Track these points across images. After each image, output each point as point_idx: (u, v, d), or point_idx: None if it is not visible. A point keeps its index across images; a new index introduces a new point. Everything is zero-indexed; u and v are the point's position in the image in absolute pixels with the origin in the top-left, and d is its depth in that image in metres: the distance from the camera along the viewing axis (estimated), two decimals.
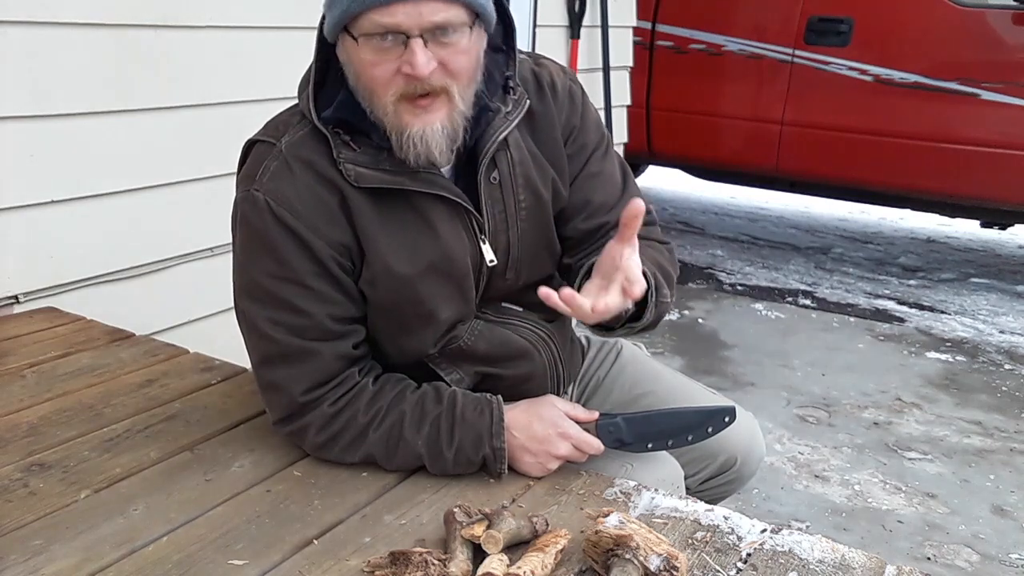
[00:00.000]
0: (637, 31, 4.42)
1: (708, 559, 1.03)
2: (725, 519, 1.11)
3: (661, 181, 6.59)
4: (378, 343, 1.28)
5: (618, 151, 1.42)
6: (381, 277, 1.20)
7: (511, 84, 1.24)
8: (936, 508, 2.46)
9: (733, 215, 5.96)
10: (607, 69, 4.02)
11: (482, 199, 1.23)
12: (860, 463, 2.69)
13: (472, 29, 1.12)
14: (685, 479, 1.41)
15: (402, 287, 1.21)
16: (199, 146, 2.28)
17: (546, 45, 3.67)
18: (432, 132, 1.13)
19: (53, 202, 2.01)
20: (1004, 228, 5.03)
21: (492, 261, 1.26)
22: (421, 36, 1.07)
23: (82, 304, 2.01)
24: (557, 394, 1.36)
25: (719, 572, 1.01)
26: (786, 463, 2.68)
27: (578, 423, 1.22)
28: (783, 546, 1.06)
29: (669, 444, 1.26)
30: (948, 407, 3.11)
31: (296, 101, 1.23)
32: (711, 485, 1.51)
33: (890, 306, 4.22)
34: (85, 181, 2.06)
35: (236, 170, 1.26)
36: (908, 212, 5.70)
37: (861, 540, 2.27)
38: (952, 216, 5.05)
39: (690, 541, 1.07)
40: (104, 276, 2.13)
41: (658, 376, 1.55)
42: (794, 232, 5.57)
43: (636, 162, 5.64)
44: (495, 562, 0.96)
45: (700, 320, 3.93)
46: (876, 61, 4.29)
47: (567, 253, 1.35)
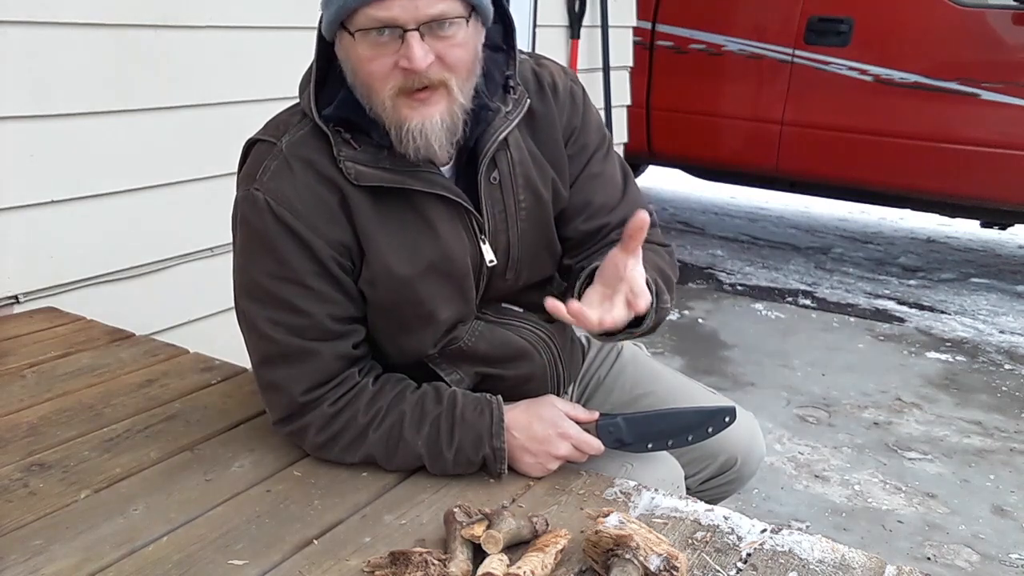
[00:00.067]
0: (637, 31, 4.41)
1: (708, 559, 1.03)
2: (725, 519, 1.11)
3: (661, 181, 6.59)
4: (378, 343, 1.28)
5: (618, 152, 1.42)
6: (381, 277, 1.20)
7: (511, 84, 1.24)
8: (936, 508, 2.46)
9: (733, 215, 5.96)
10: (607, 69, 4.02)
11: (482, 199, 1.23)
12: (860, 463, 2.69)
13: (469, 22, 1.12)
14: (685, 479, 1.41)
15: (402, 287, 1.21)
16: (199, 146, 2.28)
17: (546, 45, 3.67)
18: (431, 125, 1.13)
19: (53, 202, 2.01)
20: (1004, 228, 5.03)
21: (492, 261, 1.26)
22: (418, 29, 1.08)
23: (82, 304, 2.00)
24: (557, 394, 1.36)
25: (719, 572, 1.01)
26: (786, 463, 2.68)
27: (578, 423, 1.22)
28: (783, 546, 1.06)
29: (669, 444, 1.26)
30: (948, 407, 3.11)
31: (297, 100, 1.23)
32: (711, 485, 1.51)
33: (890, 306, 4.22)
34: (85, 181, 2.06)
35: (236, 170, 1.26)
36: (908, 212, 5.70)
37: (861, 540, 2.27)
38: (952, 216, 5.05)
39: (690, 541, 1.07)
40: (104, 276, 2.13)
41: (658, 376, 1.55)
42: (794, 232, 5.57)
43: (636, 162, 5.64)
44: (495, 562, 0.96)
45: (700, 320, 3.93)
46: (876, 61, 4.29)
47: (567, 254, 1.35)
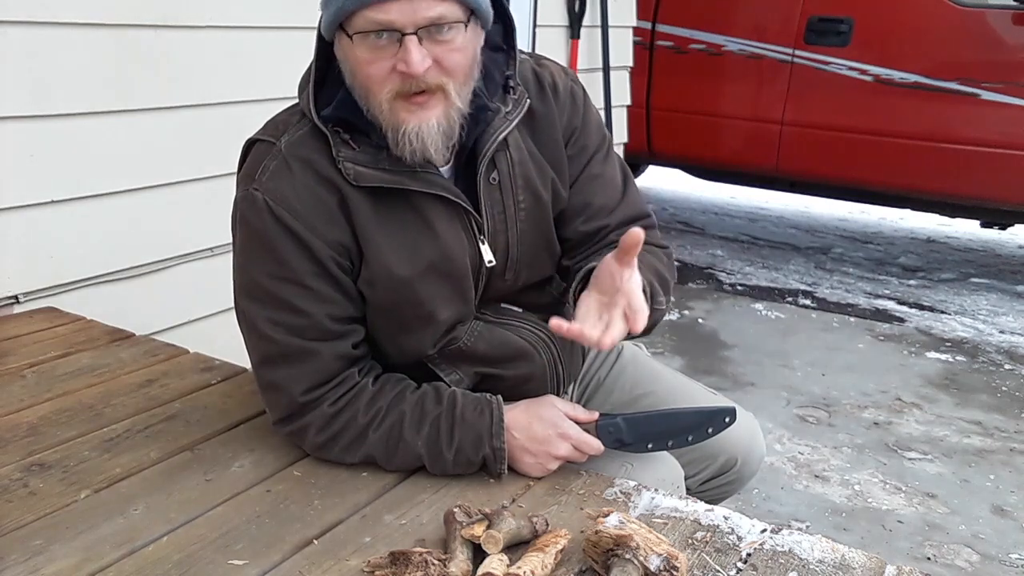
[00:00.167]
0: (637, 31, 4.41)
1: (708, 559, 1.03)
2: (725, 519, 1.11)
3: (661, 181, 6.59)
4: (377, 343, 1.28)
5: (618, 152, 1.42)
6: (380, 277, 1.20)
7: (511, 84, 1.24)
8: (936, 508, 2.46)
9: (733, 215, 5.96)
10: (607, 69, 4.02)
11: (481, 199, 1.23)
12: (860, 463, 2.69)
13: (467, 26, 1.12)
14: (685, 479, 1.41)
15: (401, 287, 1.21)
16: (199, 146, 2.28)
17: (546, 45, 3.67)
18: (428, 129, 1.13)
19: (53, 202, 2.01)
20: (1004, 228, 5.03)
21: (491, 262, 1.26)
22: (416, 33, 1.07)
23: (82, 304, 2.01)
24: (557, 394, 1.36)
25: (719, 572, 1.01)
26: (786, 463, 2.68)
27: (578, 423, 1.22)
28: (783, 546, 1.06)
29: (669, 444, 1.26)
30: (948, 407, 3.11)
31: (296, 100, 1.23)
32: (711, 486, 1.51)
33: (890, 306, 4.22)
34: (85, 181, 2.06)
35: (236, 170, 1.26)
36: (908, 212, 5.70)
37: (861, 540, 2.27)
38: (952, 216, 5.05)
39: (690, 541, 1.07)
40: (104, 276, 2.13)
41: (658, 376, 1.55)
42: (794, 232, 5.57)
43: (636, 162, 5.64)
44: (495, 562, 0.96)
45: (700, 320, 3.93)
46: (876, 61, 4.29)
47: (566, 255, 1.35)
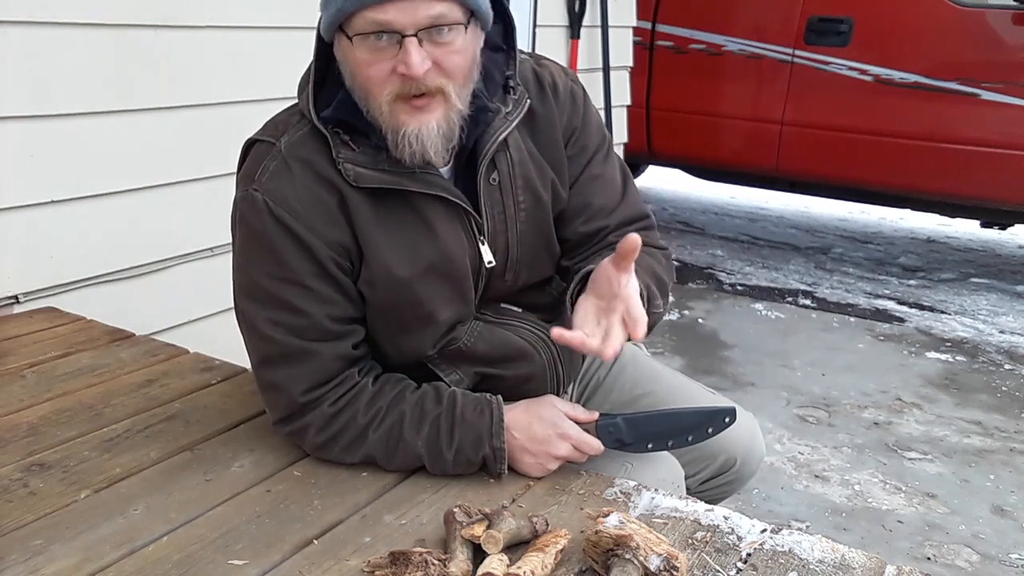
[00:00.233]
0: (637, 31, 4.41)
1: (708, 559, 1.03)
2: (725, 519, 1.11)
3: (661, 181, 6.59)
4: (377, 343, 1.28)
5: (618, 152, 1.42)
6: (380, 278, 1.20)
7: (511, 84, 1.24)
8: (936, 508, 2.46)
9: (733, 215, 5.96)
10: (607, 69, 4.02)
11: (481, 200, 1.23)
12: (860, 463, 2.69)
13: (467, 28, 1.11)
14: (685, 479, 1.40)
15: (401, 288, 1.21)
16: (199, 146, 2.28)
17: (546, 45, 3.67)
18: (427, 131, 1.13)
19: (53, 202, 2.01)
20: (1004, 228, 5.03)
21: (491, 262, 1.26)
22: (416, 35, 1.07)
23: (82, 304, 2.00)
24: (557, 394, 1.36)
25: (719, 572, 1.01)
26: (786, 463, 2.68)
27: (578, 423, 1.22)
28: (783, 546, 1.06)
29: (669, 445, 1.26)
30: (948, 407, 3.11)
31: (296, 100, 1.23)
32: (711, 485, 1.51)
33: (890, 306, 4.22)
34: (85, 181, 2.06)
35: (236, 170, 1.26)
36: (908, 212, 5.70)
37: (861, 540, 2.27)
38: (952, 216, 5.05)
39: (690, 541, 1.07)
40: (104, 276, 2.13)
41: (658, 376, 1.55)
42: (794, 232, 5.57)
43: (636, 162, 5.64)
44: (495, 562, 0.96)
45: (700, 320, 3.93)
46: (876, 61, 4.29)
47: (565, 255, 1.35)
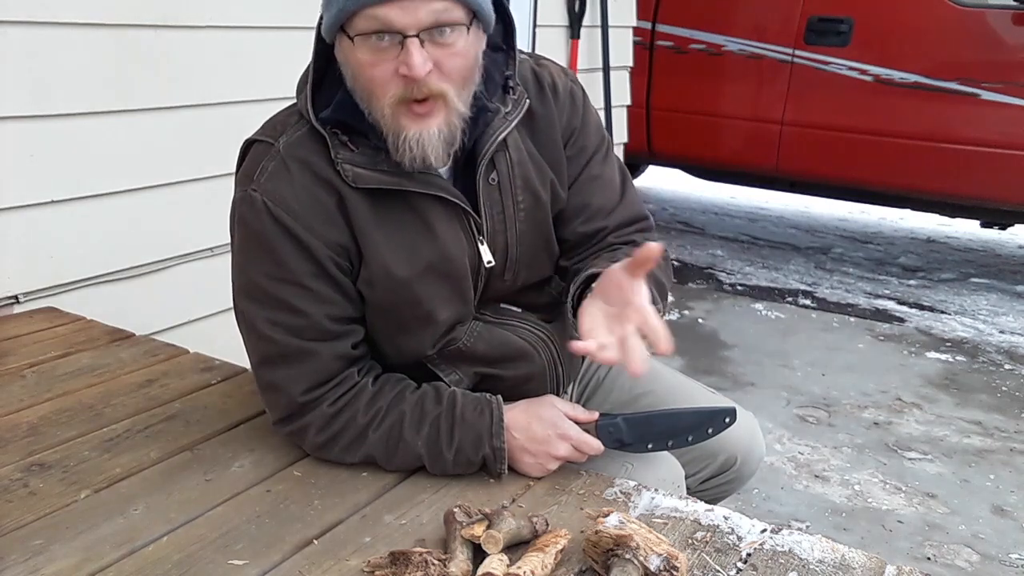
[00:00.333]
0: (637, 31, 4.41)
1: (708, 559, 1.03)
2: (725, 519, 1.11)
3: (661, 181, 6.59)
4: (377, 344, 1.28)
5: (618, 153, 1.42)
6: (379, 278, 1.20)
7: (511, 84, 1.24)
8: (936, 508, 2.46)
9: (733, 215, 5.96)
10: (607, 69, 4.02)
11: (480, 200, 1.23)
12: (860, 463, 2.69)
13: (470, 29, 1.11)
14: (685, 478, 1.40)
15: (400, 288, 1.21)
16: (199, 146, 2.28)
17: (546, 45, 3.67)
18: (428, 136, 1.12)
19: (53, 202, 2.01)
20: (1004, 228, 5.03)
21: (490, 262, 1.26)
22: (417, 36, 1.07)
23: (82, 304, 2.00)
24: (557, 394, 1.36)
25: (719, 572, 1.01)
26: (786, 463, 2.68)
27: (578, 424, 1.22)
28: (783, 546, 1.06)
29: (669, 445, 1.26)
30: (948, 407, 3.11)
31: (295, 101, 1.23)
32: (711, 485, 1.51)
33: (890, 306, 4.22)
34: (85, 181, 2.06)
35: (235, 170, 1.26)
36: (908, 212, 5.70)
37: (861, 540, 2.27)
38: (952, 216, 5.05)
39: (690, 541, 1.07)
40: (104, 276, 2.13)
41: (658, 376, 1.55)
42: (794, 232, 5.57)
43: (636, 162, 5.64)
44: (495, 562, 0.96)
45: (700, 320, 3.93)
46: (876, 61, 4.29)
47: (564, 255, 1.35)
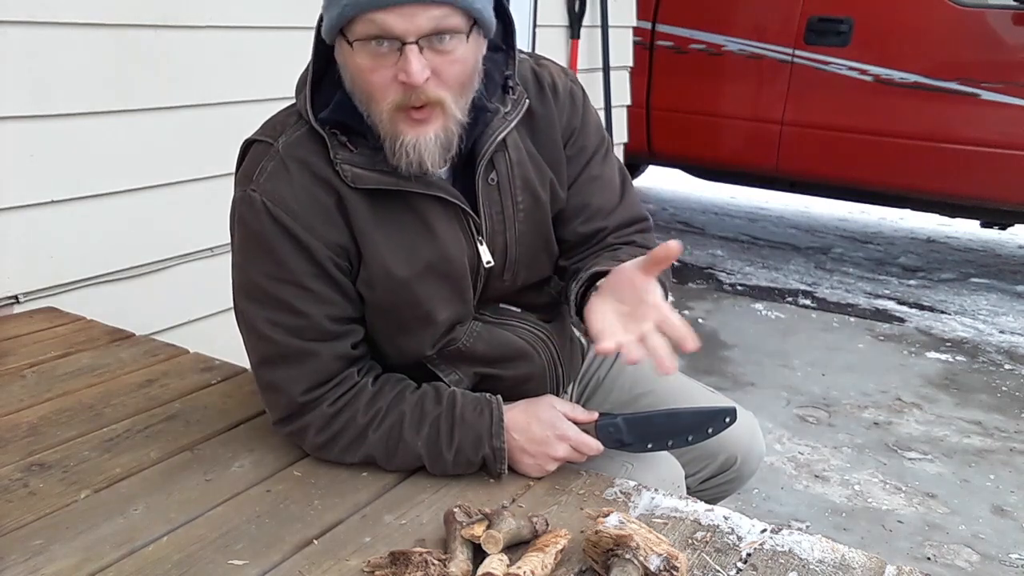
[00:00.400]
0: (637, 31, 4.41)
1: (708, 559, 1.03)
2: (725, 519, 1.11)
3: (661, 181, 6.59)
4: (376, 344, 1.28)
5: (618, 154, 1.42)
6: (378, 278, 1.20)
7: (510, 84, 1.24)
8: (936, 508, 2.46)
9: (733, 215, 5.96)
10: (607, 69, 4.02)
11: (479, 200, 1.23)
12: (860, 463, 2.69)
13: (469, 36, 1.11)
14: (685, 478, 1.41)
15: (400, 288, 1.21)
16: (199, 146, 2.28)
17: (546, 45, 3.67)
18: (425, 141, 1.12)
19: (53, 202, 2.01)
20: (1004, 228, 5.03)
21: (489, 262, 1.26)
22: (416, 42, 1.06)
23: (82, 304, 2.00)
24: (556, 394, 1.36)
25: (719, 572, 1.01)
26: (786, 463, 2.68)
27: (577, 424, 1.22)
28: (783, 546, 1.06)
29: (669, 444, 1.25)
30: (948, 407, 3.11)
31: (294, 101, 1.23)
32: (711, 484, 1.51)
33: (890, 306, 4.22)
34: (85, 181, 2.06)
35: (234, 170, 1.26)
36: (908, 212, 5.70)
37: (861, 540, 2.27)
38: (952, 216, 5.05)
39: (690, 541, 1.07)
40: (104, 276, 2.13)
41: (658, 376, 1.54)
42: (794, 232, 5.57)
43: (636, 162, 5.64)
44: (495, 562, 0.96)
45: (700, 320, 3.93)
46: (876, 61, 4.29)
47: (563, 255, 1.35)
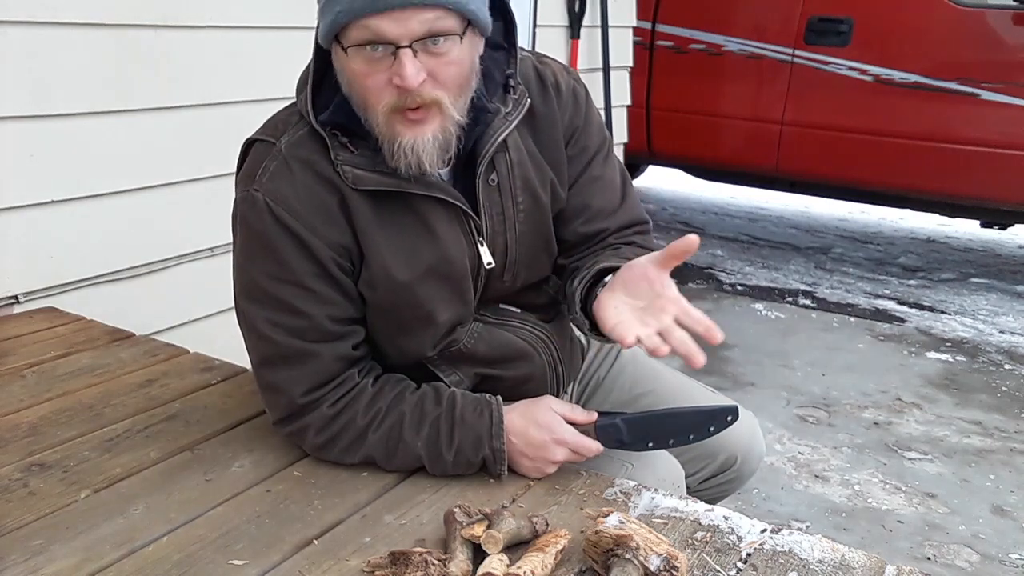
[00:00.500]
0: (637, 31, 4.41)
1: (708, 559, 1.03)
2: (725, 519, 1.11)
3: (661, 181, 6.58)
4: (377, 344, 1.28)
5: (618, 154, 1.42)
6: (380, 279, 1.20)
7: (511, 83, 1.23)
8: (936, 508, 2.46)
9: (733, 215, 5.96)
10: (607, 69, 4.02)
11: (480, 201, 1.23)
12: (860, 463, 2.69)
13: (463, 37, 1.10)
14: (685, 478, 1.40)
15: (401, 290, 1.21)
16: (199, 146, 2.28)
17: (546, 45, 3.67)
18: (423, 142, 1.12)
19: (53, 202, 2.01)
20: (1004, 228, 5.03)
21: (490, 263, 1.26)
22: (410, 46, 1.06)
23: (82, 304, 2.00)
24: (556, 394, 1.36)
25: (719, 572, 1.01)
26: (786, 463, 2.68)
27: (576, 425, 1.21)
28: (783, 546, 1.06)
29: (670, 443, 1.25)
30: (948, 407, 3.11)
31: (295, 100, 1.23)
32: (711, 484, 1.51)
33: (890, 306, 4.22)
34: (85, 181, 2.06)
35: (235, 169, 1.26)
36: (908, 212, 5.70)
37: (861, 540, 2.27)
38: (952, 216, 5.05)
39: (690, 541, 1.07)
40: (104, 276, 2.13)
41: (658, 375, 1.54)
42: (794, 232, 5.57)
43: (636, 162, 5.63)
44: (495, 562, 0.96)
45: None
46: (876, 61, 4.29)
47: (563, 254, 1.35)
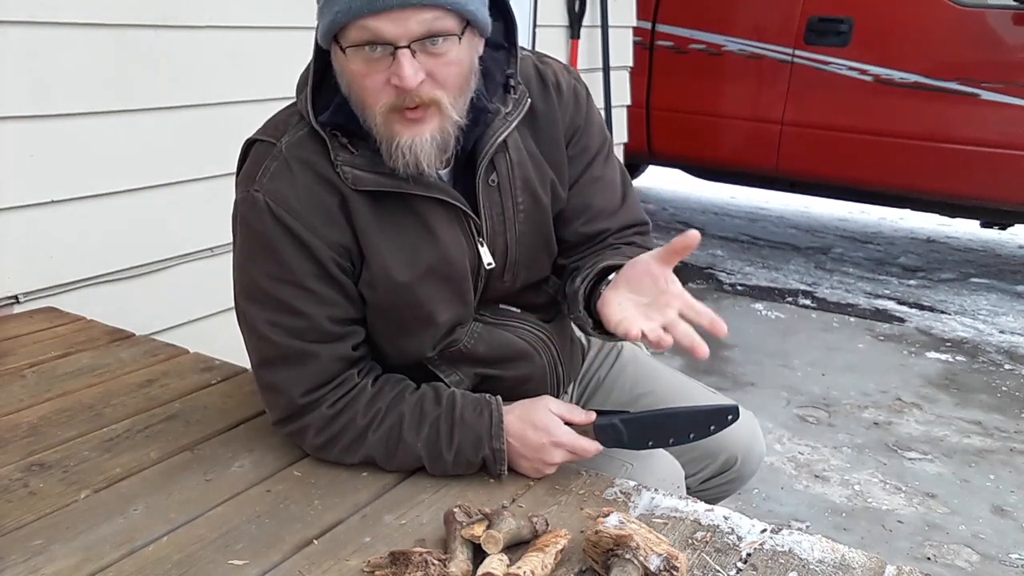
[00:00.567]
0: (637, 31, 4.41)
1: (708, 559, 1.03)
2: (725, 519, 1.11)
3: (661, 181, 6.59)
4: (377, 344, 1.28)
5: (618, 154, 1.42)
6: (380, 280, 1.20)
7: (512, 83, 1.23)
8: (936, 508, 2.46)
9: (733, 215, 5.96)
10: (607, 69, 4.02)
11: (480, 202, 1.23)
12: (860, 463, 2.69)
13: (462, 37, 1.10)
14: (686, 478, 1.40)
15: (401, 290, 1.21)
16: (199, 146, 2.28)
17: (546, 45, 3.67)
18: (421, 142, 1.12)
19: (53, 202, 2.01)
20: (1004, 228, 5.03)
21: (490, 264, 1.26)
22: (408, 46, 1.06)
23: (82, 304, 2.00)
24: (556, 395, 1.36)
25: (719, 572, 1.01)
26: (786, 463, 2.68)
27: (575, 425, 1.21)
28: (783, 546, 1.06)
29: (671, 442, 1.25)
30: (948, 407, 3.11)
31: (295, 100, 1.23)
32: (711, 485, 1.51)
33: (890, 306, 4.22)
34: (85, 181, 2.06)
35: (236, 170, 1.26)
36: (908, 212, 5.70)
37: (861, 540, 2.27)
38: (952, 216, 5.05)
39: (690, 541, 1.07)
40: (104, 276, 2.13)
41: (658, 375, 1.55)
42: (794, 232, 5.57)
43: (636, 162, 5.63)
44: (495, 562, 0.96)
45: None
46: (876, 61, 4.29)
47: (563, 254, 1.35)
